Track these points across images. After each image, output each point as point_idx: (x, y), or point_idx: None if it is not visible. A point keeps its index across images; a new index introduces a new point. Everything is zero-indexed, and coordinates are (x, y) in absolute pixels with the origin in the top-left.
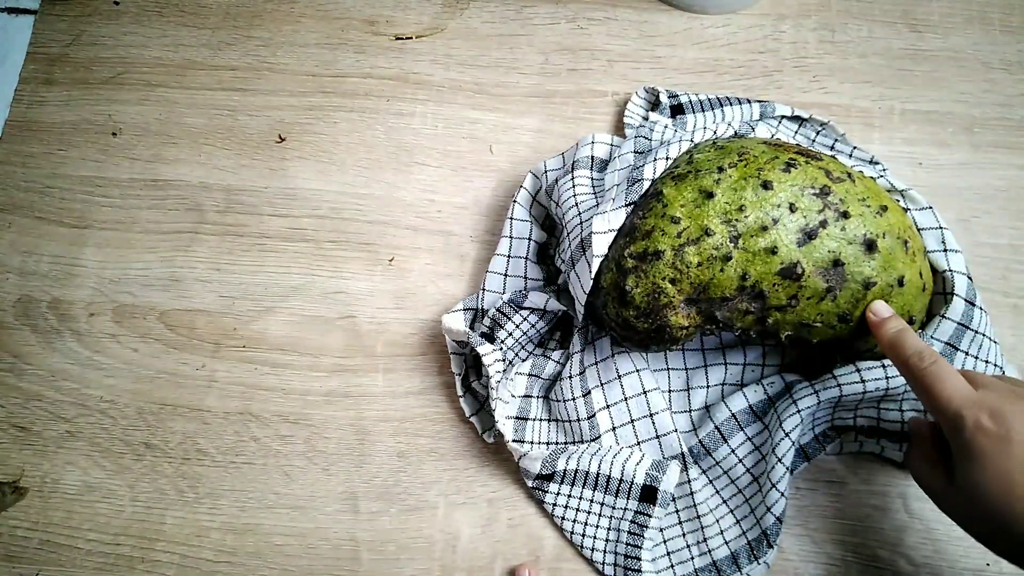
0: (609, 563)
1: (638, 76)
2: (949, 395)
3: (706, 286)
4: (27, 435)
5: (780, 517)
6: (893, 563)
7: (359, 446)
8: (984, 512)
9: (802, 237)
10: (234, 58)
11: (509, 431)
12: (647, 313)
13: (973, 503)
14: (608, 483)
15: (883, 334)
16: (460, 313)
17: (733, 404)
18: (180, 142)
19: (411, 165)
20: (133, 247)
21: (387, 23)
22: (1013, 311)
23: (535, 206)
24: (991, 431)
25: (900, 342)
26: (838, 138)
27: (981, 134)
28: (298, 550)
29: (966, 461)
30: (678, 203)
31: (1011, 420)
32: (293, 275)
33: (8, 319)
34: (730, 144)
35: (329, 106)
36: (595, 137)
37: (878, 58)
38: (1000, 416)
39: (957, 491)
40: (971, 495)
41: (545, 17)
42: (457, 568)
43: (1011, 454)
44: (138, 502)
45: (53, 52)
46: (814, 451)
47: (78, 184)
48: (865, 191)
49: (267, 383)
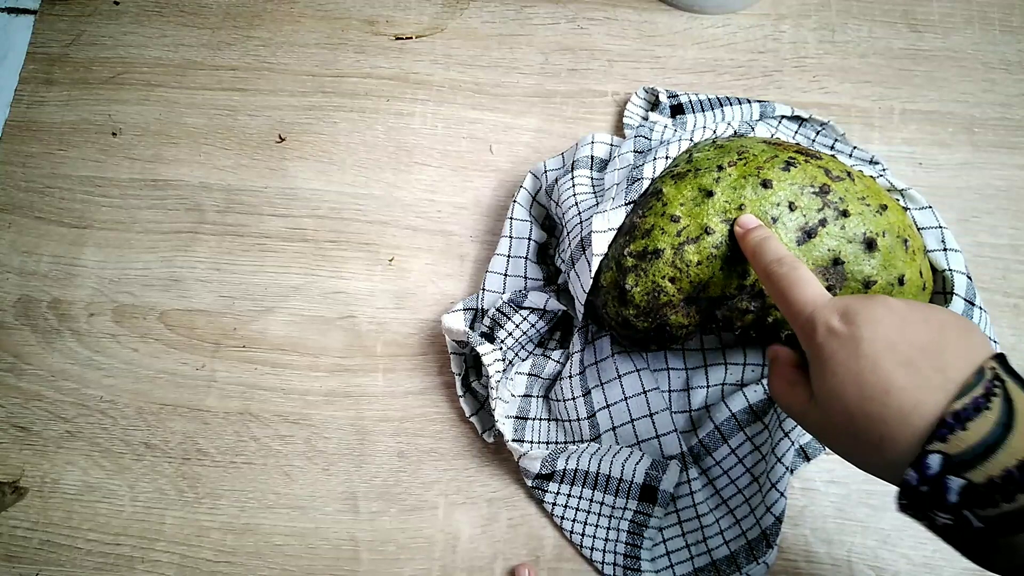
0: (608, 562)
1: (638, 76)
2: (804, 300)
3: (706, 285)
4: (27, 435)
5: (780, 517)
6: (893, 563)
7: (359, 446)
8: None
9: (802, 236)
10: (234, 58)
11: (509, 430)
12: (647, 312)
13: (829, 412)
14: (608, 483)
15: (747, 243)
16: (460, 313)
17: (733, 404)
18: (180, 142)
19: (411, 165)
20: (133, 247)
21: (387, 23)
22: (1013, 311)
23: (535, 206)
24: (841, 332)
25: (762, 249)
26: (838, 138)
27: (981, 134)
28: (298, 550)
29: (819, 367)
30: (678, 202)
31: (860, 318)
32: (293, 275)
33: (8, 319)
34: (730, 143)
35: (329, 106)
36: (595, 137)
37: (878, 58)
38: (849, 315)
39: (816, 405)
40: (826, 404)
41: (545, 17)
42: (457, 568)
43: (861, 353)
44: (138, 502)
45: (53, 52)
46: (814, 451)
47: (78, 184)
48: (865, 190)
49: (267, 383)
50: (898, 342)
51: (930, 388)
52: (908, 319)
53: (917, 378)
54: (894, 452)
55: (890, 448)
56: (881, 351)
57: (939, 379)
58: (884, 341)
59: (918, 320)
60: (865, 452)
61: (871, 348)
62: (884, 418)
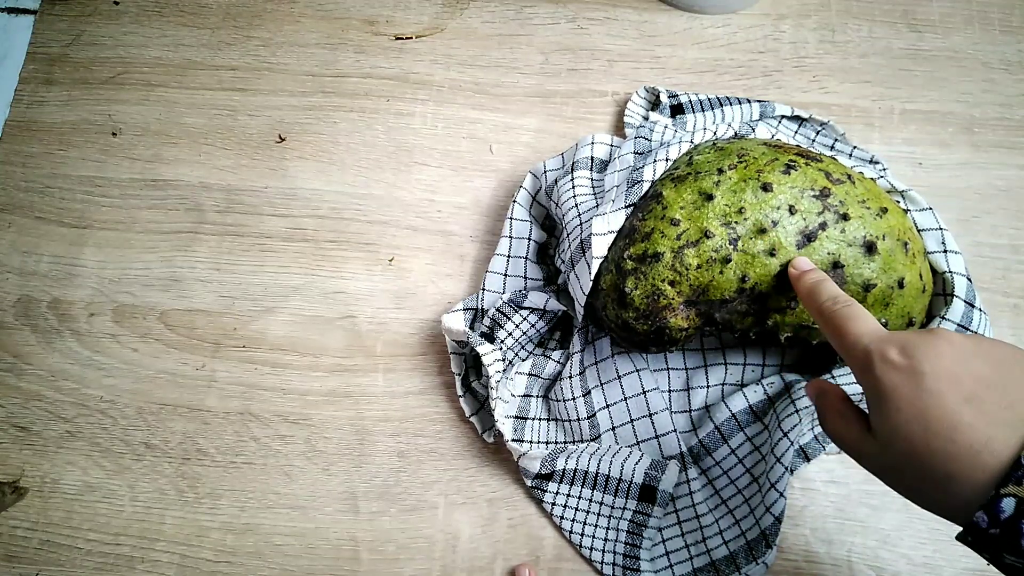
0: (608, 562)
1: (638, 76)
2: (859, 333)
3: (705, 288)
4: (27, 435)
5: (779, 517)
6: (893, 563)
7: (359, 446)
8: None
9: (801, 239)
10: (234, 58)
11: (508, 430)
12: (646, 315)
13: (891, 448)
14: (607, 482)
15: (801, 285)
16: (460, 313)
17: (733, 404)
18: (180, 142)
19: (411, 165)
20: (133, 247)
21: (387, 23)
22: (1013, 311)
23: (535, 206)
24: (901, 364)
25: (817, 290)
26: (838, 138)
27: (981, 134)
28: (298, 550)
29: (878, 401)
30: (678, 205)
31: (921, 352)
32: (293, 275)
33: (8, 319)
34: (730, 145)
35: (329, 106)
36: (595, 137)
37: (878, 58)
38: (909, 348)
39: (875, 440)
40: (887, 439)
41: (545, 17)
42: (457, 568)
43: (924, 387)
44: (138, 502)
45: (53, 52)
46: (814, 451)
47: (78, 184)
48: (865, 193)
49: (267, 383)
50: (962, 376)
51: (999, 425)
52: (969, 353)
53: (985, 415)
54: (963, 491)
55: (958, 487)
56: (945, 386)
57: (1008, 416)
58: (947, 375)
59: (979, 354)
60: (930, 490)
61: (934, 383)
62: (952, 456)
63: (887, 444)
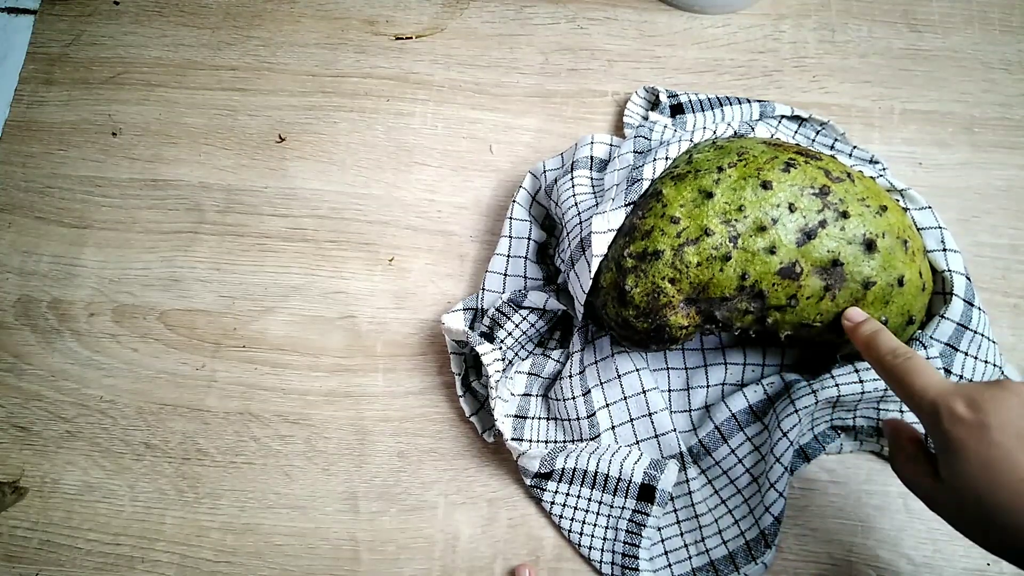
0: (607, 562)
1: (638, 76)
2: (923, 386)
3: (705, 286)
4: (27, 435)
5: (779, 517)
6: (893, 563)
7: (359, 446)
8: (971, 505)
9: (801, 237)
10: (234, 58)
11: (508, 429)
12: (646, 313)
13: (959, 497)
14: (606, 482)
15: (858, 337)
16: (460, 313)
17: (733, 404)
18: (180, 142)
19: (411, 165)
20: (133, 247)
21: (387, 23)
22: (1013, 311)
23: (535, 206)
24: (968, 419)
25: (875, 342)
26: (838, 137)
27: (981, 134)
28: (298, 550)
29: (947, 453)
30: (677, 203)
31: (987, 406)
32: (293, 275)
33: (8, 319)
34: (730, 144)
35: (329, 106)
36: (595, 137)
37: (878, 58)
38: (975, 403)
39: (943, 487)
40: (956, 488)
41: (545, 17)
42: (457, 568)
43: (991, 441)
44: (138, 502)
45: (53, 52)
46: (814, 451)
47: (78, 184)
48: (865, 191)
49: (267, 383)
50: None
51: None
52: None
53: None
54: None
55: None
56: (1012, 438)
57: None
58: (1013, 428)
59: None
60: (1000, 539)
61: (1001, 436)
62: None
63: (956, 493)
